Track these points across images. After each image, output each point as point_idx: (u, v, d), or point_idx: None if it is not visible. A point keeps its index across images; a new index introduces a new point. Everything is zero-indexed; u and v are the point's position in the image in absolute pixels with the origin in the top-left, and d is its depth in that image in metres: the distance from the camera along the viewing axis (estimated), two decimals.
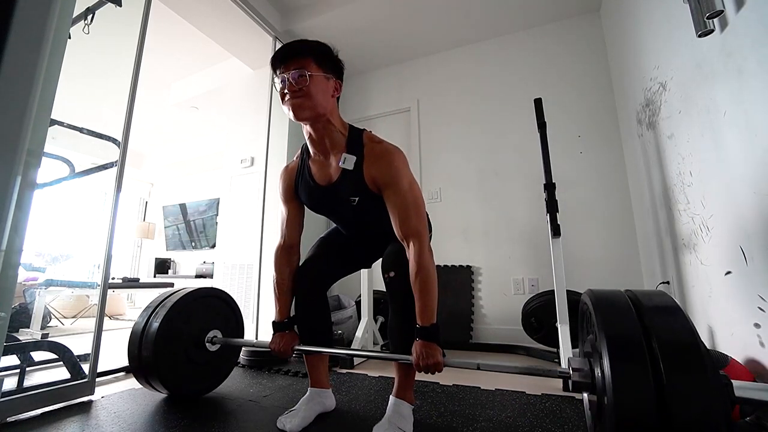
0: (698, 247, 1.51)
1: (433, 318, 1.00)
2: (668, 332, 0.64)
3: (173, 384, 1.31)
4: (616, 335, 0.65)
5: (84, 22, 1.81)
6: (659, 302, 0.70)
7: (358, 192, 1.10)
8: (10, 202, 0.47)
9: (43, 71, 0.51)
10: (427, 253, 1.03)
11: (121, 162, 1.61)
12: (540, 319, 2.05)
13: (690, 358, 0.60)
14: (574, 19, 2.74)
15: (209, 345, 1.38)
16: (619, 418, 0.59)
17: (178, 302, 1.32)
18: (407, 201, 1.05)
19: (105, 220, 1.57)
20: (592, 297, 0.75)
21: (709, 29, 1.19)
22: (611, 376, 0.61)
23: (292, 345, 1.18)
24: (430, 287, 1.00)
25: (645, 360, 0.61)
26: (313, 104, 1.02)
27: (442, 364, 0.95)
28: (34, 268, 4.17)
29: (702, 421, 0.56)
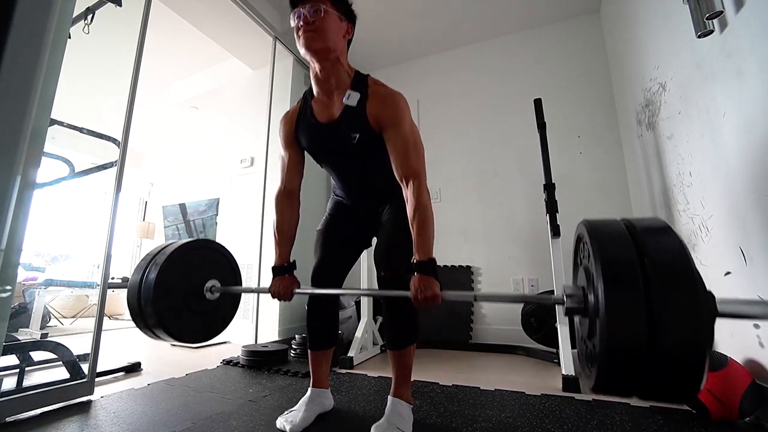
0: (698, 247, 1.51)
1: (431, 253, 1.02)
2: (660, 253, 0.66)
3: (177, 333, 1.30)
4: (609, 257, 0.68)
5: (84, 21, 1.81)
6: (653, 226, 0.73)
7: (359, 128, 1.10)
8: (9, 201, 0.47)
9: (43, 71, 0.51)
10: (425, 192, 1.06)
11: (121, 162, 1.61)
12: (540, 319, 2.05)
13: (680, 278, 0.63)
14: (574, 19, 2.74)
15: (209, 294, 1.39)
16: (610, 336, 0.63)
17: (172, 255, 1.31)
18: (408, 142, 1.07)
19: (105, 219, 1.56)
20: (588, 225, 0.79)
21: (708, 30, 1.19)
22: (604, 296, 0.64)
23: (291, 289, 1.17)
24: (428, 224, 1.03)
25: (637, 280, 0.64)
26: (325, 38, 1.04)
27: (440, 296, 0.97)
28: (33, 267, 4.17)
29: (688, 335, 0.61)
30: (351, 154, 1.15)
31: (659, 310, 0.62)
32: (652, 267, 0.65)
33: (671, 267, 0.65)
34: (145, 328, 1.29)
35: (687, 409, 1.25)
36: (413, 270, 1.01)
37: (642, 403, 1.34)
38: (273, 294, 1.18)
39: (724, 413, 1.12)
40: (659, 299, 0.62)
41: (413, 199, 1.04)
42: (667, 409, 1.27)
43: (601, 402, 1.36)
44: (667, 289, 0.63)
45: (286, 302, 1.25)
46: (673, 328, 0.61)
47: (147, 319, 1.26)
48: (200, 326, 1.38)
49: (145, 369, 1.90)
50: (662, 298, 0.62)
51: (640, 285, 0.63)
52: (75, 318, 3.99)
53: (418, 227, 1.03)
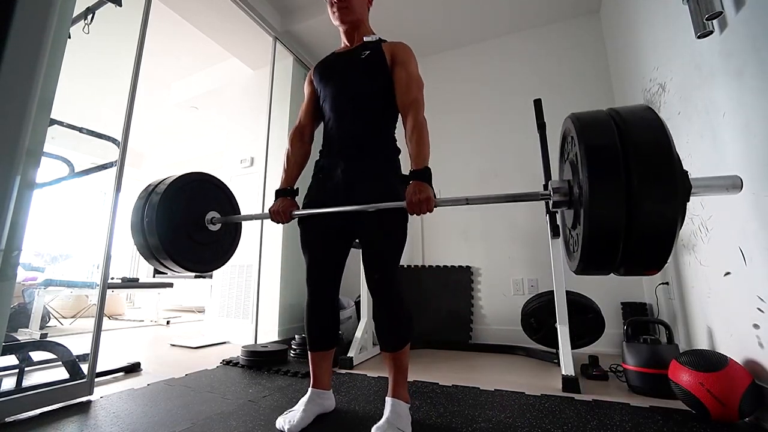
0: (697, 247, 1.51)
1: (426, 162, 1.12)
2: (641, 135, 0.70)
3: (186, 263, 1.34)
4: (593, 145, 0.71)
5: (84, 21, 1.81)
6: (639, 116, 0.75)
7: (371, 49, 1.27)
8: (9, 201, 0.47)
9: (43, 71, 0.51)
10: (422, 116, 1.19)
11: (121, 162, 1.61)
12: (539, 319, 2.05)
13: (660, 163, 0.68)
14: (573, 20, 2.74)
15: (210, 226, 1.42)
16: (592, 219, 0.67)
17: (168, 191, 1.33)
18: (412, 77, 1.23)
19: (104, 219, 1.56)
20: (575, 118, 0.80)
21: (708, 30, 1.19)
22: (587, 183, 0.67)
23: (291, 210, 1.24)
24: (424, 138, 1.15)
25: (619, 166, 0.67)
26: (353, 10, 1.29)
27: (433, 200, 1.05)
28: (33, 267, 4.17)
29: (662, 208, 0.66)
30: (355, 70, 1.27)
31: (638, 190, 0.65)
32: (634, 150, 0.68)
33: (652, 149, 0.68)
34: (154, 259, 1.33)
35: (687, 409, 1.25)
36: (410, 177, 1.10)
37: (642, 403, 1.34)
38: (272, 213, 1.24)
39: (723, 414, 1.12)
40: (639, 180, 0.66)
41: (412, 119, 1.18)
42: (666, 410, 1.27)
43: (601, 402, 1.36)
44: (646, 170, 0.66)
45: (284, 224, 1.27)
46: (649, 207, 0.65)
47: (155, 252, 1.29)
48: (206, 256, 1.42)
49: (145, 369, 1.90)
50: (641, 178, 0.66)
51: (621, 170, 0.67)
52: (74, 318, 3.99)
53: (416, 141, 1.14)
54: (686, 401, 1.21)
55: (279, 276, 2.68)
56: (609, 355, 2.06)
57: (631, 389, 1.49)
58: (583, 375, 1.69)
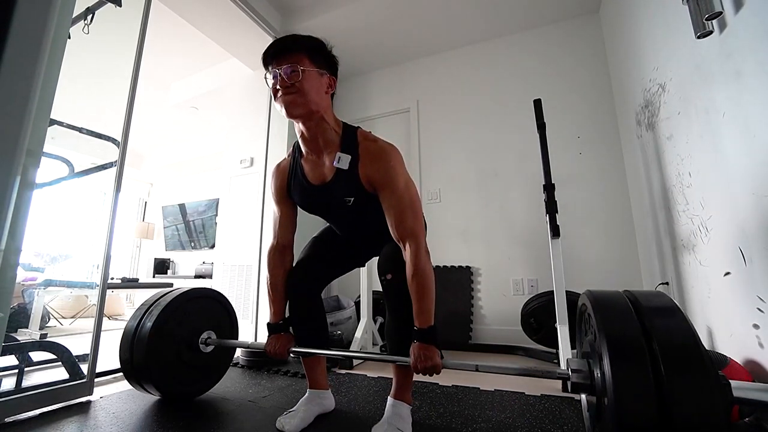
0: (697, 247, 1.51)
1: (431, 320, 0.99)
2: (668, 333, 0.63)
3: (165, 386, 1.30)
4: (616, 336, 0.65)
5: (84, 22, 1.81)
6: (658, 303, 0.70)
7: (353, 192, 1.08)
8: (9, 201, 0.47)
9: (43, 71, 0.51)
10: (423, 255, 1.01)
11: (121, 162, 1.61)
12: (539, 319, 2.05)
13: (690, 359, 0.59)
14: (573, 20, 2.74)
15: (203, 346, 1.38)
16: (619, 418, 0.59)
17: (171, 303, 1.31)
18: (403, 202, 1.04)
19: (104, 220, 1.56)
20: (591, 297, 0.75)
21: (708, 30, 1.19)
22: (611, 377, 0.60)
23: (288, 347, 1.17)
24: (428, 289, 0.99)
25: (645, 361, 0.61)
26: (306, 101, 0.99)
27: (440, 366, 0.95)
28: (33, 268, 4.17)
29: (702, 421, 0.55)
30: (346, 213, 1.16)
31: (670, 396, 0.57)
32: (661, 348, 0.61)
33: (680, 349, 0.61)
34: (135, 382, 1.29)
35: None
36: (413, 338, 0.99)
37: None
38: (269, 353, 1.18)
39: None
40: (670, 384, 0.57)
41: (411, 263, 1.00)
42: None
43: None
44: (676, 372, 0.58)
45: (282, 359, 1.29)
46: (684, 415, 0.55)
47: (137, 373, 1.26)
48: (191, 380, 1.37)
49: None
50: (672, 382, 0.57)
51: (649, 366, 0.60)
52: (74, 318, 3.99)
53: (416, 293, 0.99)
54: None
55: None
56: None
57: None
58: None
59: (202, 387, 1.44)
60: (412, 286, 1.00)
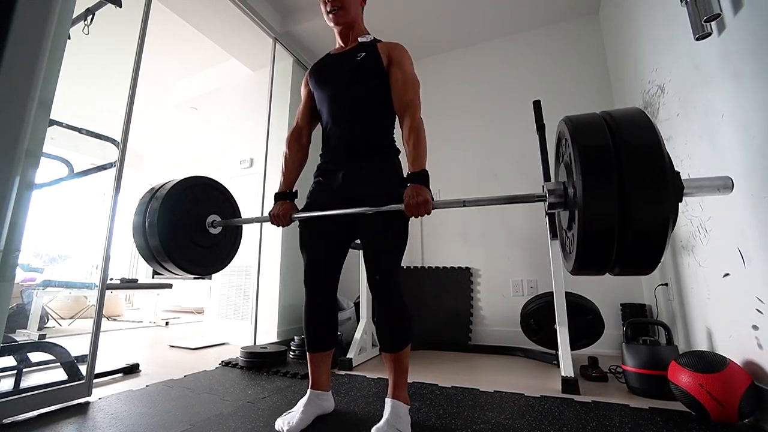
0: (696, 249, 1.51)
1: (424, 165, 1.12)
2: (635, 144, 0.71)
3: (186, 265, 1.34)
4: (587, 150, 0.73)
5: (84, 22, 1.81)
6: (631, 118, 0.77)
7: (367, 51, 1.27)
8: (8, 202, 0.47)
9: (43, 71, 0.51)
10: (419, 118, 1.18)
11: (120, 162, 1.61)
12: (539, 320, 2.05)
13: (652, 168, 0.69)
14: (572, 21, 2.75)
15: (211, 229, 1.43)
16: (586, 223, 0.69)
17: (170, 193, 1.34)
18: (408, 77, 1.23)
19: (103, 220, 1.56)
20: (568, 121, 0.82)
21: (707, 32, 1.20)
22: (582, 189, 0.69)
23: (290, 213, 1.24)
24: (421, 142, 1.14)
25: (612, 172, 0.69)
26: (348, 11, 1.29)
27: (431, 203, 1.06)
28: (32, 268, 4.16)
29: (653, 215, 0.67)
30: (352, 73, 1.26)
31: (630, 191, 0.67)
32: (626, 153, 0.70)
33: (643, 151, 0.70)
34: (156, 263, 1.33)
35: (686, 410, 1.25)
36: (407, 180, 1.10)
37: (641, 404, 1.34)
38: (272, 216, 1.25)
39: (723, 415, 1.12)
40: (631, 181, 0.68)
41: (409, 122, 1.17)
42: (666, 411, 1.27)
43: (600, 403, 1.36)
44: (639, 172, 0.68)
45: (284, 227, 1.29)
46: (642, 207, 0.67)
47: (156, 254, 1.29)
48: (207, 259, 1.42)
49: (144, 370, 1.90)
50: (634, 180, 0.68)
51: (614, 171, 0.69)
52: (73, 319, 3.98)
53: (413, 144, 1.14)
54: (686, 402, 1.21)
55: (278, 277, 2.67)
56: (608, 357, 2.06)
57: (630, 390, 1.49)
58: (582, 376, 1.68)
59: (218, 264, 1.49)
60: (410, 140, 1.15)
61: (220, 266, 1.50)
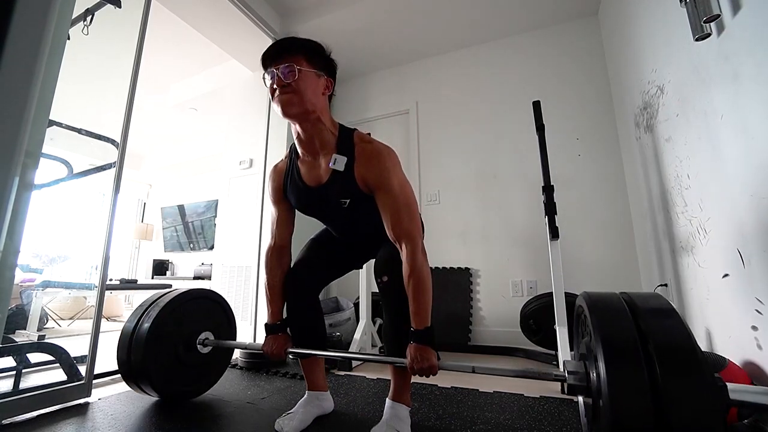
0: (696, 249, 1.51)
1: (428, 321, 0.98)
2: (663, 335, 0.63)
3: (163, 388, 1.29)
4: (611, 338, 0.65)
5: (83, 23, 1.81)
6: (655, 305, 0.69)
7: (349, 194, 1.08)
8: (7, 202, 0.47)
9: (42, 72, 0.51)
10: (420, 255, 1.01)
11: (120, 163, 1.61)
12: (538, 321, 2.05)
13: (686, 361, 0.59)
14: (572, 22, 2.75)
15: (201, 347, 1.37)
16: (615, 420, 0.58)
17: (170, 304, 1.31)
18: (399, 202, 1.03)
19: (103, 221, 1.56)
20: (588, 299, 0.75)
21: (706, 33, 1.20)
22: (607, 379, 0.60)
23: (285, 347, 1.17)
24: (424, 290, 0.99)
25: (641, 363, 0.60)
26: (302, 100, 0.99)
27: (437, 368, 0.95)
28: (31, 269, 4.16)
29: (697, 424, 0.55)
30: (342, 214, 1.16)
31: (666, 397, 0.56)
32: (656, 350, 0.60)
33: (676, 351, 0.60)
34: (132, 383, 1.29)
35: None
36: (410, 339, 0.99)
37: None
38: (266, 353, 1.18)
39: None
40: (665, 385, 0.57)
41: (407, 264, 1.00)
42: None
43: None
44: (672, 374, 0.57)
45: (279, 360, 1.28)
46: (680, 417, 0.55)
47: (135, 373, 1.26)
48: (188, 381, 1.37)
49: None
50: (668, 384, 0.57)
51: (644, 367, 0.59)
52: (73, 320, 3.98)
53: (413, 294, 0.99)
54: None
55: None
56: None
57: None
58: None
59: (201, 388, 1.44)
60: (409, 287, 1.00)
61: (197, 391, 1.42)
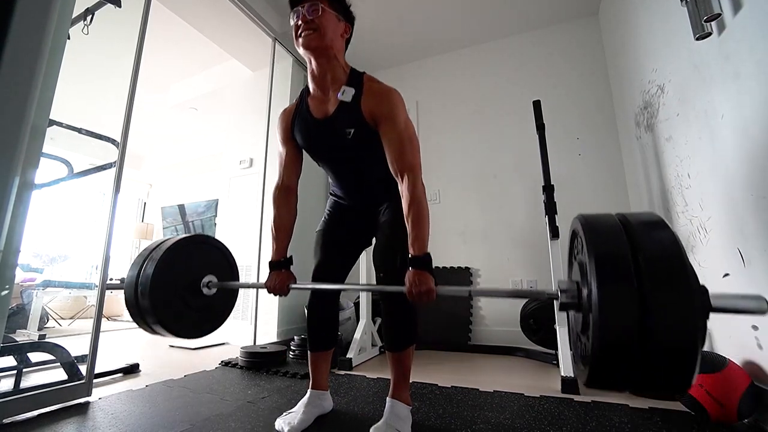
0: (696, 248, 1.51)
1: (425, 248, 1.02)
2: (653, 245, 0.66)
3: (174, 328, 1.30)
4: (602, 253, 0.68)
5: (83, 22, 1.81)
6: (647, 219, 0.73)
7: (354, 123, 1.11)
8: (8, 202, 0.47)
9: (42, 71, 0.51)
10: (420, 187, 1.07)
11: (120, 163, 1.61)
12: (538, 320, 2.05)
13: (672, 269, 0.63)
14: (572, 22, 2.75)
15: (205, 290, 1.39)
16: (602, 332, 0.63)
17: (168, 251, 1.31)
18: (403, 136, 1.08)
19: (103, 221, 1.56)
20: (582, 219, 0.79)
21: (707, 32, 1.20)
22: (597, 292, 0.63)
23: (288, 283, 1.18)
24: (423, 218, 1.04)
25: (630, 276, 0.63)
26: (323, 36, 1.07)
27: (434, 291, 0.98)
28: (31, 268, 4.16)
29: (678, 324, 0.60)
30: (346, 149, 1.16)
31: (651, 305, 0.61)
32: (645, 262, 0.64)
33: (664, 261, 0.64)
34: (143, 323, 1.30)
35: (686, 410, 1.25)
36: (408, 265, 1.02)
37: (641, 404, 1.34)
38: (269, 289, 1.19)
39: (722, 415, 1.12)
40: (652, 294, 0.62)
41: (408, 194, 1.05)
42: (665, 411, 1.27)
43: (600, 403, 1.36)
44: (659, 284, 0.62)
45: (283, 297, 1.25)
46: (664, 324, 0.60)
47: (144, 315, 1.26)
48: (197, 322, 1.38)
49: (144, 370, 1.90)
50: (655, 293, 0.62)
51: (633, 280, 0.63)
52: (73, 319, 3.98)
53: (412, 222, 1.03)
54: (685, 402, 1.21)
55: None
56: None
57: (630, 390, 1.48)
58: None
59: (208, 328, 1.45)
60: (409, 216, 1.04)
61: (207, 330, 1.42)
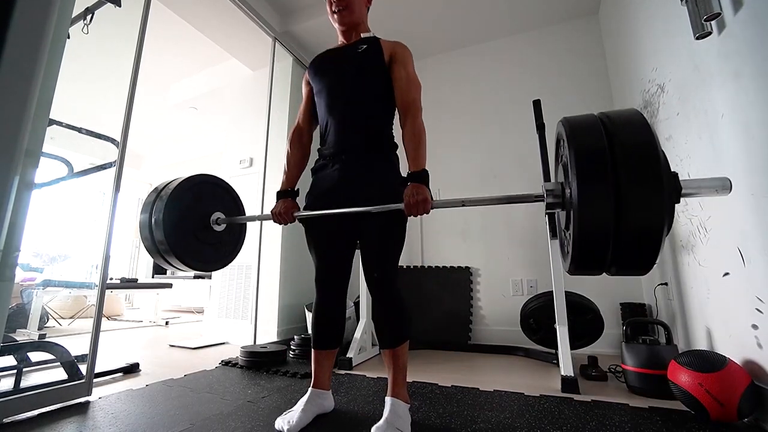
0: (696, 248, 1.51)
1: (423, 164, 1.13)
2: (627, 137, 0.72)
3: (190, 261, 1.37)
4: (583, 151, 0.73)
5: (83, 22, 1.81)
6: (625, 116, 0.78)
7: (368, 46, 1.27)
8: (8, 201, 0.47)
9: (42, 71, 0.51)
10: (420, 119, 1.20)
11: (120, 162, 1.61)
12: (538, 320, 2.05)
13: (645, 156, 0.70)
14: (572, 21, 2.75)
15: (215, 226, 1.45)
16: (581, 220, 0.70)
17: (176, 191, 1.36)
18: (411, 78, 1.24)
19: (103, 220, 1.56)
20: (565, 122, 0.83)
21: (707, 31, 1.19)
22: (577, 186, 0.70)
23: (292, 211, 1.26)
24: (421, 143, 1.16)
25: (606, 172, 0.70)
26: (353, 11, 1.30)
27: (430, 202, 1.07)
28: (31, 268, 4.16)
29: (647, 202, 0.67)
30: (352, 59, 1.27)
31: (625, 191, 0.68)
32: (621, 152, 0.70)
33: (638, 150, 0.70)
34: (158, 255, 1.35)
35: (686, 409, 1.25)
36: (407, 180, 1.11)
37: (641, 403, 1.34)
38: (274, 215, 1.26)
39: (722, 414, 1.12)
40: (626, 182, 0.68)
41: (411, 122, 1.18)
42: (665, 410, 1.27)
43: (600, 403, 1.36)
44: (632, 171, 0.69)
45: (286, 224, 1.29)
46: (636, 206, 0.68)
47: (159, 246, 1.32)
48: (210, 255, 1.45)
49: (144, 370, 1.90)
50: (629, 181, 0.68)
51: (609, 172, 0.70)
52: (73, 319, 3.98)
53: (414, 144, 1.15)
54: (685, 402, 1.21)
55: (278, 276, 2.68)
56: (608, 356, 2.07)
57: (630, 390, 1.49)
58: (582, 375, 1.69)
59: (222, 261, 1.51)
60: (412, 141, 1.16)
61: (222, 263, 1.51)
